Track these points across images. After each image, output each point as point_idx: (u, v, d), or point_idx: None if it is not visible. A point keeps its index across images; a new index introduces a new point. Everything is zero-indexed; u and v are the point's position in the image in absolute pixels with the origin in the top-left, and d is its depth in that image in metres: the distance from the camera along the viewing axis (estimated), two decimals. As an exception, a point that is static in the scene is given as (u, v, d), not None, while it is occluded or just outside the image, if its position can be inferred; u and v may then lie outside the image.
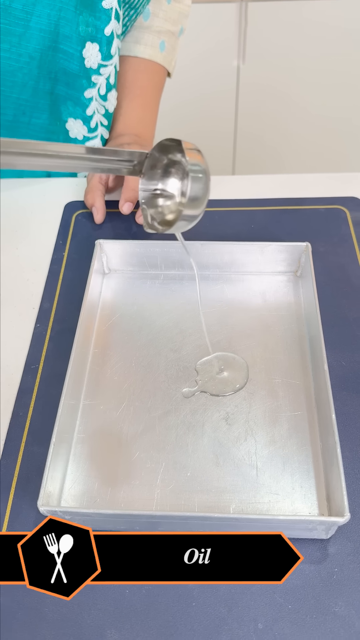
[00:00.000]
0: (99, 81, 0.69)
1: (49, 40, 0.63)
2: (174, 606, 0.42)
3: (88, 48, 0.65)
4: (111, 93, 0.71)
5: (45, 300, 0.62)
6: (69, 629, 0.42)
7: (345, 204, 0.69)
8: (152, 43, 0.74)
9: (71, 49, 0.64)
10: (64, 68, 0.66)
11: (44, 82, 0.66)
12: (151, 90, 0.77)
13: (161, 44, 0.74)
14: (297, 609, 0.42)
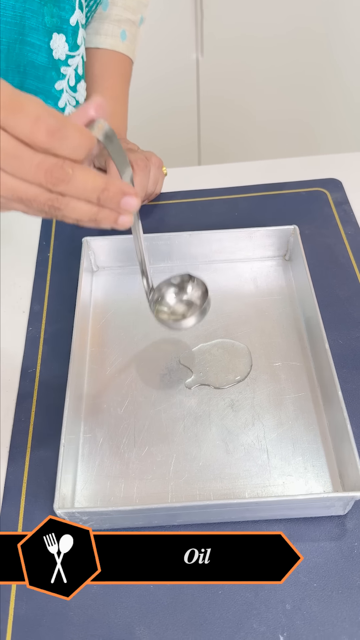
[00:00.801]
0: (67, 72, 0.68)
1: (15, 32, 0.62)
2: (200, 596, 0.42)
3: (55, 39, 0.64)
4: (80, 84, 0.71)
5: (35, 302, 0.61)
6: (97, 630, 0.41)
7: (325, 186, 0.69)
8: (112, 32, 0.74)
9: (38, 41, 0.63)
10: (32, 61, 0.65)
11: (13, 76, 0.65)
12: (120, 83, 0.76)
13: (122, 33, 0.74)
14: (322, 586, 0.42)
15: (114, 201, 0.36)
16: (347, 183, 0.70)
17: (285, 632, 0.40)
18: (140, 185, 0.64)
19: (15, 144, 0.33)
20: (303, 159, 0.74)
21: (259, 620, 0.41)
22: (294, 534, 0.44)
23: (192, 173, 0.75)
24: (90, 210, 0.36)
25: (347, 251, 0.63)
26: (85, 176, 0.35)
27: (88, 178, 0.35)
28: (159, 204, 0.69)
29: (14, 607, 0.42)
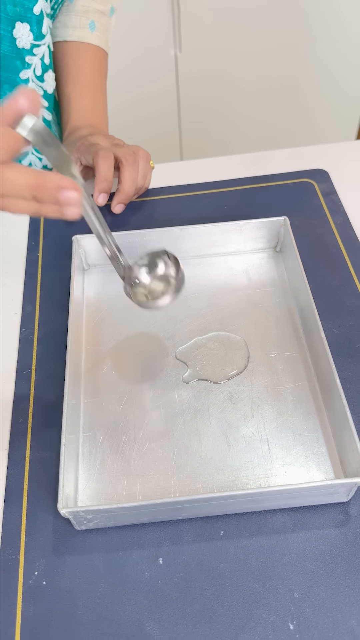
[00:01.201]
0: (33, 62, 0.68)
1: None
2: (208, 589, 0.42)
3: (18, 28, 0.64)
4: (47, 74, 0.71)
5: (26, 303, 0.60)
6: (106, 628, 0.41)
7: (313, 177, 0.70)
8: (80, 24, 0.73)
9: (1, 30, 0.63)
10: None
11: None
12: (97, 77, 0.75)
13: (90, 24, 0.73)
14: (329, 573, 0.42)
15: (51, 196, 0.36)
16: (333, 173, 0.70)
17: (294, 621, 0.41)
18: (130, 180, 0.64)
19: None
20: (288, 151, 0.74)
21: (268, 609, 0.41)
22: (298, 523, 0.45)
23: (178, 168, 0.75)
24: (31, 207, 0.37)
25: (336, 241, 0.63)
26: (14, 175, 0.35)
27: (17, 177, 0.35)
28: (147, 200, 0.69)
29: (21, 609, 0.42)
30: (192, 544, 0.44)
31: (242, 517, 0.45)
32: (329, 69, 1.50)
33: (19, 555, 0.44)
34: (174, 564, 0.43)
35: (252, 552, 0.44)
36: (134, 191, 0.65)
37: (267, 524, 0.45)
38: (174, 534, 0.45)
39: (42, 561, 0.44)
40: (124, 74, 1.42)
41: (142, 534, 0.45)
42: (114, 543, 0.44)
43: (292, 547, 0.44)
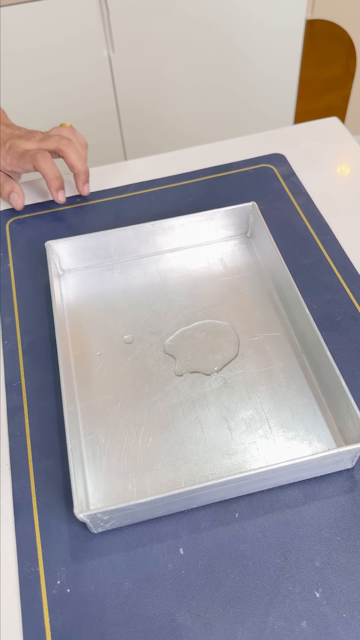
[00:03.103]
0: None
1: None
2: (232, 571, 0.43)
3: None
4: None
5: (5, 315, 0.59)
6: (138, 625, 0.41)
7: (271, 161, 0.71)
8: None
9: None
10: None
11: None
12: None
13: None
14: (345, 538, 0.44)
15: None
16: (289, 156, 0.72)
17: (320, 588, 0.42)
18: (78, 159, 0.64)
19: None
20: (243, 138, 0.75)
21: (293, 582, 0.42)
22: (308, 495, 0.46)
23: (138, 165, 0.75)
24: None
25: (303, 221, 0.65)
26: None
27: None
28: (113, 199, 0.69)
29: (49, 620, 0.41)
30: (210, 530, 0.45)
31: (254, 497, 0.46)
32: (259, 61, 1.53)
33: (38, 567, 0.43)
34: (195, 552, 0.44)
35: (269, 529, 0.44)
36: (86, 166, 0.66)
37: (279, 500, 0.46)
38: (190, 523, 0.45)
39: (62, 570, 0.43)
40: (58, 80, 1.40)
41: (159, 527, 0.45)
42: (132, 541, 0.44)
43: (306, 518, 0.45)
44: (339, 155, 0.74)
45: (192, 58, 1.47)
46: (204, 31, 1.43)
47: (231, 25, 1.44)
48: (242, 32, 1.46)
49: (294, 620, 0.40)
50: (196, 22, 1.41)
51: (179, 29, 1.41)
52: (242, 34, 1.46)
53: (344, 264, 0.61)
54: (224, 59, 1.51)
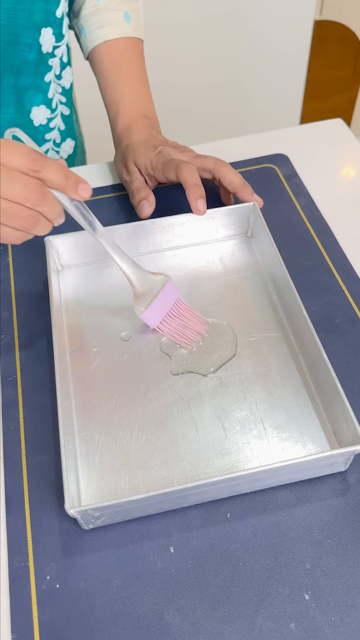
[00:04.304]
0: (54, 63, 0.69)
1: (9, 34, 0.62)
2: (222, 571, 0.43)
3: (43, 34, 0.65)
4: (65, 70, 0.72)
5: (3, 309, 0.59)
6: (126, 622, 0.41)
7: (273, 162, 0.71)
8: (116, 19, 0.70)
9: (29, 39, 0.64)
10: (25, 59, 0.65)
11: (8, 76, 0.65)
12: (138, 65, 0.73)
13: (125, 15, 0.71)
14: (336, 541, 0.44)
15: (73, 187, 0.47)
16: (293, 157, 0.72)
17: (309, 591, 0.42)
18: (233, 171, 0.61)
19: (6, 170, 0.43)
20: (246, 138, 0.75)
21: (283, 583, 0.42)
22: (301, 497, 0.46)
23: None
24: (50, 226, 0.48)
25: (304, 222, 0.65)
26: (54, 197, 0.47)
27: (55, 200, 0.47)
28: (113, 196, 0.69)
29: (37, 615, 0.41)
30: (201, 529, 0.45)
31: (247, 498, 0.46)
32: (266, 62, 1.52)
33: (28, 562, 0.43)
34: (185, 551, 0.44)
35: (260, 530, 0.44)
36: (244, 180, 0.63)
37: (272, 501, 0.46)
38: (181, 521, 0.45)
39: (52, 565, 0.43)
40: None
41: (150, 525, 0.45)
42: (123, 538, 0.44)
43: (297, 520, 0.45)
44: (342, 157, 0.73)
45: (198, 57, 1.47)
46: (210, 30, 1.43)
47: (239, 24, 1.44)
48: (250, 31, 1.46)
49: (283, 622, 0.40)
50: (203, 20, 1.40)
51: (185, 26, 1.41)
52: (250, 33, 1.46)
53: (344, 266, 0.61)
54: (231, 59, 1.50)
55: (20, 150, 0.43)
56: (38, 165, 0.44)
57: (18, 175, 0.43)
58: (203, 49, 1.46)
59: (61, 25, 0.66)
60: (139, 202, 0.62)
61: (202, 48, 1.45)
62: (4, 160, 0.43)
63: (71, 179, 0.46)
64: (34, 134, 0.73)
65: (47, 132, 0.74)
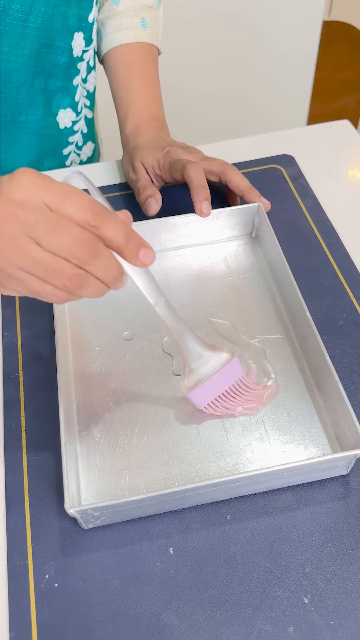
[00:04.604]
0: (82, 67, 0.70)
1: (44, 37, 0.63)
2: (221, 573, 0.43)
3: (75, 38, 0.66)
4: (91, 74, 0.72)
5: (5, 307, 0.59)
6: (124, 623, 0.41)
7: (279, 162, 0.71)
8: (132, 24, 0.71)
9: (63, 43, 0.65)
10: (57, 63, 0.66)
11: (39, 79, 0.66)
12: (153, 69, 0.73)
13: (142, 21, 0.71)
14: (336, 545, 0.43)
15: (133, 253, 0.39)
16: (299, 158, 0.72)
17: (309, 594, 0.41)
18: (239, 175, 0.61)
19: (57, 217, 0.36)
20: (253, 138, 0.75)
21: (282, 586, 0.42)
22: (301, 500, 0.46)
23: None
24: (104, 290, 0.39)
25: (309, 223, 0.65)
26: (111, 257, 0.38)
27: (112, 259, 0.38)
28: (118, 195, 0.69)
29: (36, 614, 0.41)
30: (201, 531, 0.44)
31: (247, 500, 0.46)
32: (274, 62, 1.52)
33: (27, 561, 0.43)
34: (184, 552, 0.43)
35: (260, 532, 0.44)
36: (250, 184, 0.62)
37: (272, 503, 0.46)
38: (181, 523, 0.45)
39: (51, 564, 0.43)
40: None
41: (150, 526, 0.45)
42: (122, 538, 0.44)
43: (298, 523, 0.45)
44: (349, 159, 0.73)
45: (206, 57, 1.47)
46: (218, 29, 1.43)
47: (247, 24, 1.43)
48: (258, 32, 1.45)
49: (281, 626, 0.40)
50: (211, 20, 1.40)
51: (194, 26, 1.40)
52: (258, 33, 1.46)
53: (349, 268, 0.60)
54: (239, 59, 1.50)
55: (82, 200, 0.36)
56: (98, 220, 0.37)
57: (69, 225, 0.36)
58: (211, 50, 1.46)
59: (91, 30, 0.68)
60: (145, 200, 0.62)
61: (210, 48, 1.45)
62: (60, 208, 0.36)
63: (133, 241, 0.39)
64: (58, 137, 0.74)
65: (71, 135, 0.75)
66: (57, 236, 0.36)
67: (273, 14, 1.42)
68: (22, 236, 0.36)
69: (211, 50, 1.46)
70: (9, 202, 0.36)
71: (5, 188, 0.36)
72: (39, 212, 0.36)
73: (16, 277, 0.37)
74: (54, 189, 0.36)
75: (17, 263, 0.36)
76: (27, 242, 0.36)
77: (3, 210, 0.36)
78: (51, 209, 0.36)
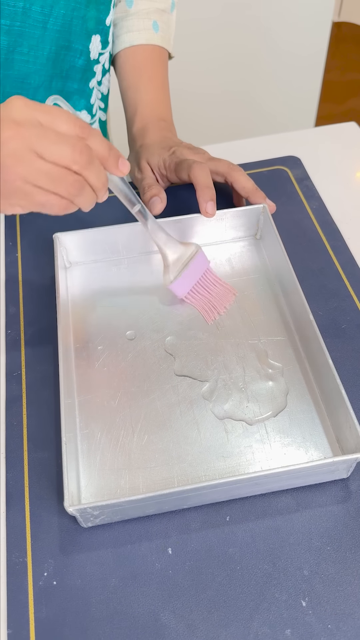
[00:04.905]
0: (98, 69, 0.70)
1: (63, 40, 0.64)
2: (219, 574, 0.43)
3: (93, 41, 0.67)
4: (105, 77, 0.73)
5: (10, 305, 0.59)
6: (122, 622, 0.41)
7: (285, 164, 0.71)
8: (144, 27, 0.71)
9: (80, 46, 0.66)
10: (74, 65, 0.67)
11: (56, 81, 0.67)
12: (162, 71, 0.73)
13: (154, 24, 0.71)
14: (335, 548, 0.43)
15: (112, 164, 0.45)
16: (305, 159, 0.72)
17: (306, 597, 0.41)
18: (245, 176, 0.61)
19: (54, 131, 0.41)
20: (259, 139, 0.75)
21: (280, 589, 0.42)
22: (301, 502, 0.45)
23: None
24: (94, 199, 0.45)
25: (314, 225, 0.64)
26: (99, 164, 0.44)
27: (101, 167, 0.44)
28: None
29: (34, 611, 0.41)
30: (200, 532, 0.44)
31: (247, 501, 0.46)
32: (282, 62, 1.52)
33: (27, 558, 0.44)
34: (183, 553, 0.43)
35: (259, 534, 0.44)
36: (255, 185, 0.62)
37: (271, 506, 0.45)
38: (180, 523, 0.45)
39: (50, 562, 0.43)
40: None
41: (149, 526, 0.45)
42: (121, 537, 0.44)
43: (297, 526, 0.44)
44: (355, 161, 0.73)
45: (214, 58, 1.47)
46: (228, 30, 1.42)
47: (255, 24, 1.43)
48: (267, 31, 1.45)
49: (278, 628, 0.40)
50: (220, 21, 1.40)
51: (202, 26, 1.40)
52: (267, 33, 1.45)
53: (353, 271, 0.60)
54: (247, 58, 1.50)
55: (69, 116, 0.42)
56: (86, 132, 0.42)
57: (66, 137, 0.41)
58: (219, 50, 1.45)
59: (108, 33, 0.68)
60: (150, 199, 0.62)
61: (218, 49, 1.45)
62: (52, 124, 0.41)
63: (113, 151, 0.45)
64: None
65: None
66: (59, 147, 0.40)
67: (282, 14, 1.42)
68: (27, 151, 0.40)
69: (219, 51, 1.46)
70: (12, 121, 0.40)
71: (5, 111, 0.40)
72: (38, 128, 0.40)
73: (23, 191, 0.41)
74: (45, 109, 0.41)
75: (25, 176, 0.40)
76: (32, 156, 0.40)
77: (7, 129, 0.40)
78: (44, 125, 0.41)
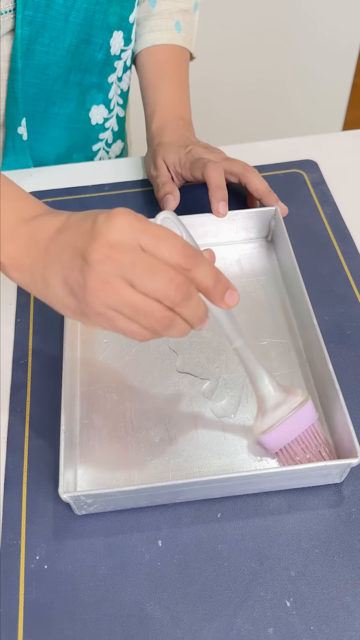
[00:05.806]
0: (119, 65, 0.71)
1: (84, 33, 0.65)
2: (206, 569, 0.43)
3: (114, 37, 0.68)
4: (126, 74, 0.74)
5: (21, 294, 0.60)
6: (108, 609, 0.42)
7: (302, 167, 0.71)
8: (167, 27, 0.72)
9: (101, 40, 0.67)
10: (93, 58, 0.68)
11: (75, 73, 0.68)
12: (184, 70, 0.74)
13: (176, 24, 0.72)
14: (324, 551, 0.44)
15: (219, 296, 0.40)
16: (322, 164, 0.71)
17: (291, 598, 0.42)
18: (259, 178, 0.62)
19: (152, 260, 0.36)
20: (278, 142, 0.75)
21: (265, 588, 0.42)
22: (293, 504, 0.46)
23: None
24: (187, 330, 0.39)
25: (326, 230, 0.64)
26: (199, 299, 0.39)
27: (201, 301, 0.39)
28: (138, 191, 0.70)
29: (24, 593, 0.43)
30: (191, 526, 0.45)
31: (239, 500, 0.46)
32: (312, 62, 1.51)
33: (20, 541, 0.45)
34: (173, 546, 0.44)
35: (249, 533, 0.45)
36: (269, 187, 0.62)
37: (263, 505, 0.46)
38: (172, 517, 0.46)
39: (43, 546, 0.44)
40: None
41: (141, 517, 0.46)
42: (113, 527, 0.45)
43: (287, 527, 0.45)
44: (374, 168, 0.72)
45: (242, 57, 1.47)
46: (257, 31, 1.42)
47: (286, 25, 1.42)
48: (297, 32, 1.44)
49: (261, 626, 0.41)
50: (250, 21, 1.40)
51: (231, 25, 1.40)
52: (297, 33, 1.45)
53: (363, 278, 0.60)
54: (276, 60, 1.49)
55: (176, 243, 0.37)
56: (191, 263, 0.37)
57: (164, 268, 0.36)
58: (248, 50, 1.45)
59: (131, 30, 0.69)
60: (163, 196, 0.63)
61: (247, 49, 1.45)
62: (155, 250, 0.36)
63: (221, 283, 0.40)
64: (89, 132, 0.75)
65: (101, 132, 0.76)
66: (152, 279, 0.36)
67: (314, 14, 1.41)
68: (117, 277, 0.36)
69: (247, 50, 1.45)
70: (106, 243, 0.36)
71: (102, 228, 0.36)
72: (134, 254, 0.36)
73: (106, 316, 0.38)
74: (150, 231, 0.37)
75: (109, 303, 0.37)
76: (121, 283, 0.36)
77: (99, 252, 0.36)
78: (146, 250, 0.36)
